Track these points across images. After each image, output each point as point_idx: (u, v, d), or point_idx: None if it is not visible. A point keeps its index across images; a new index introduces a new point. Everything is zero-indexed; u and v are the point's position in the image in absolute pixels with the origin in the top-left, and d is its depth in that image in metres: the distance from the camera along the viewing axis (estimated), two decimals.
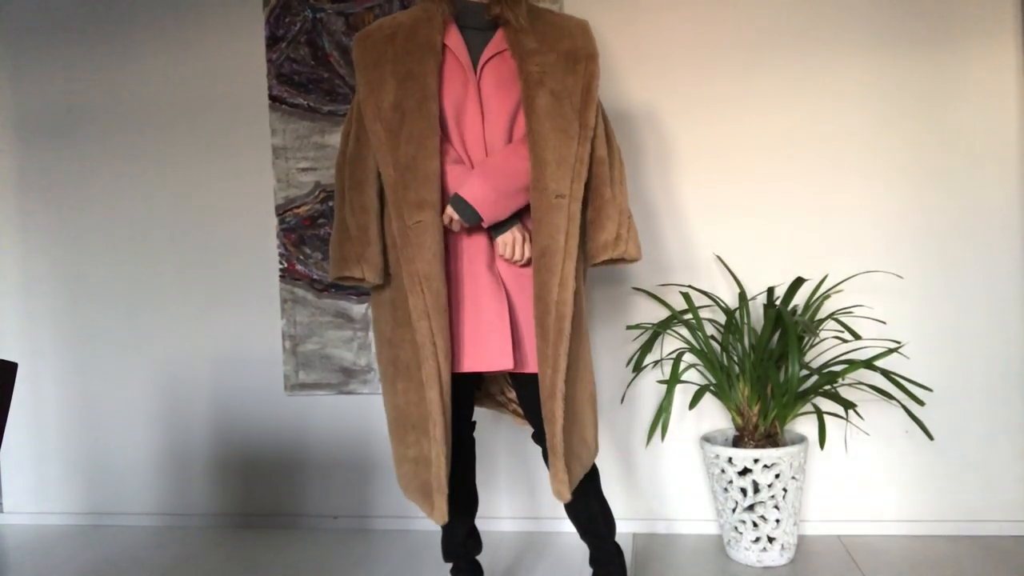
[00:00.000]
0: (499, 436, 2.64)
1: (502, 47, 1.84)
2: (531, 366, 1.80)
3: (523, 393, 1.87)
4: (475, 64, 1.84)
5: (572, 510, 1.92)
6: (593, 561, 1.95)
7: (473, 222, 1.75)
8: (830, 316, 2.35)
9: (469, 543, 2.01)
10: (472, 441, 2.00)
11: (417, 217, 1.73)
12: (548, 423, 1.75)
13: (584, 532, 1.94)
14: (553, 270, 1.72)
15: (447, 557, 2.03)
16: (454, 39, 1.83)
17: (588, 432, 1.85)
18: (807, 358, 2.44)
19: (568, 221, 1.73)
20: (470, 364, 1.79)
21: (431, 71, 1.78)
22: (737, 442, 2.32)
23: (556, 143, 1.75)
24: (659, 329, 2.37)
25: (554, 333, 1.72)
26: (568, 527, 2.58)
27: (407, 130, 1.75)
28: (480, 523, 2.55)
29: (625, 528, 2.57)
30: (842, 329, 2.42)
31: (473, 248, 1.81)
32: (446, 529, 2.00)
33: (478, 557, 2.32)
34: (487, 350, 1.78)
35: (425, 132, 1.75)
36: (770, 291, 2.37)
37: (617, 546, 1.94)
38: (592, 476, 1.90)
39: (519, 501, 2.64)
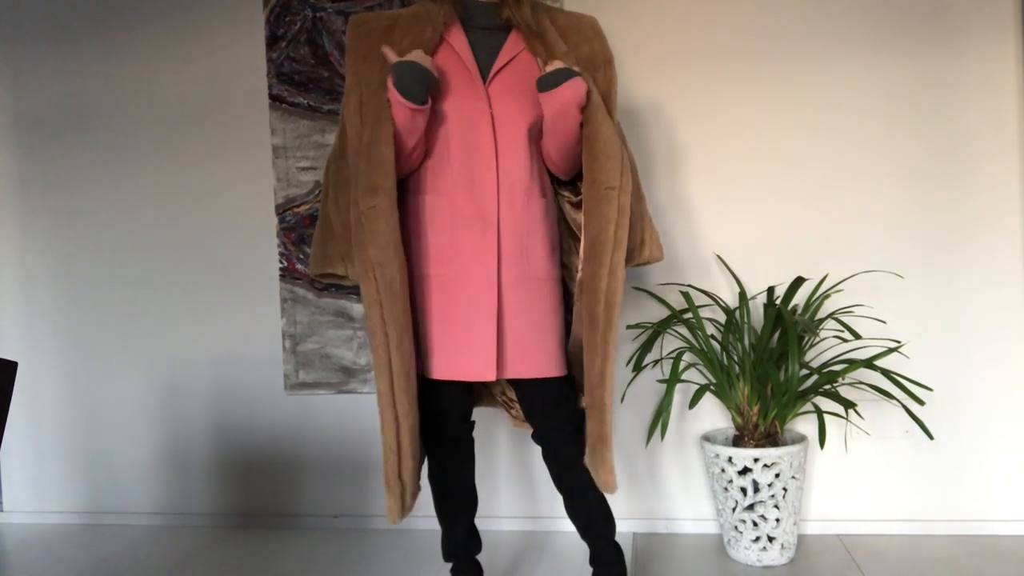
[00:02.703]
0: (499, 436, 2.64)
1: (518, 49, 1.81)
2: (530, 372, 1.78)
3: (525, 397, 1.86)
4: (485, 70, 1.80)
5: (572, 509, 1.92)
6: (593, 561, 1.94)
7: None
8: (830, 316, 2.35)
9: (469, 543, 2.01)
10: (471, 441, 1.99)
11: (371, 202, 1.68)
12: (598, 412, 1.75)
13: (584, 531, 1.94)
14: (603, 260, 1.72)
15: (447, 557, 2.03)
16: (459, 41, 1.79)
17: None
18: (807, 358, 2.43)
19: (618, 212, 1.72)
20: (451, 372, 1.77)
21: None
22: (737, 442, 2.32)
23: (606, 137, 1.73)
24: (659, 328, 2.37)
25: (603, 322, 1.72)
26: (568, 527, 2.58)
27: (371, 118, 1.72)
28: (480, 523, 2.55)
29: (625, 528, 2.57)
30: (842, 329, 2.42)
31: (469, 252, 1.76)
32: (445, 529, 2.00)
33: (478, 557, 2.32)
34: (469, 360, 1.75)
35: (380, 118, 1.70)
36: (770, 291, 2.37)
37: (617, 546, 1.94)
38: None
39: (519, 501, 2.64)
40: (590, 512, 1.91)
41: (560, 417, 1.86)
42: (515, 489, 2.64)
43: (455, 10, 1.80)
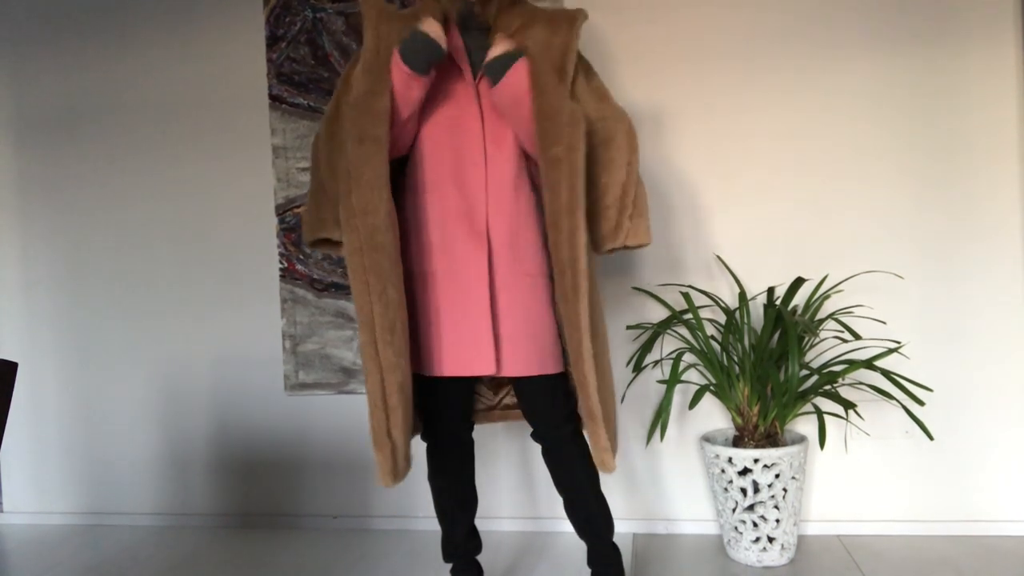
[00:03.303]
0: (499, 436, 2.64)
1: None
2: (525, 369, 1.77)
3: (523, 395, 1.86)
4: (476, 68, 1.84)
5: (570, 509, 1.92)
6: (591, 561, 1.95)
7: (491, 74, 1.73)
8: (830, 316, 2.35)
9: (469, 544, 2.01)
10: (471, 442, 1.99)
11: (357, 151, 1.67)
12: (581, 388, 1.71)
13: (582, 531, 1.94)
14: (560, 227, 1.68)
15: (447, 558, 2.03)
16: (455, 40, 1.83)
17: (611, 403, 1.83)
18: (807, 358, 2.43)
19: (570, 175, 1.66)
20: (449, 368, 1.77)
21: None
22: (737, 442, 2.32)
23: (550, 103, 1.70)
24: (659, 329, 2.37)
25: (571, 293, 1.68)
26: (568, 527, 2.58)
27: (374, 74, 1.72)
28: (480, 523, 2.55)
29: (625, 528, 2.57)
30: (842, 329, 2.42)
31: (460, 247, 1.77)
32: (445, 530, 2.00)
33: (478, 558, 2.32)
34: (466, 354, 1.75)
35: (384, 73, 1.71)
36: (770, 291, 2.37)
37: (615, 546, 1.94)
38: (592, 475, 1.89)
39: (519, 501, 2.64)
40: (588, 512, 1.90)
41: (558, 416, 1.85)
42: (515, 489, 2.64)
43: (455, 10, 1.84)
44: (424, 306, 1.80)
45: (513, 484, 2.64)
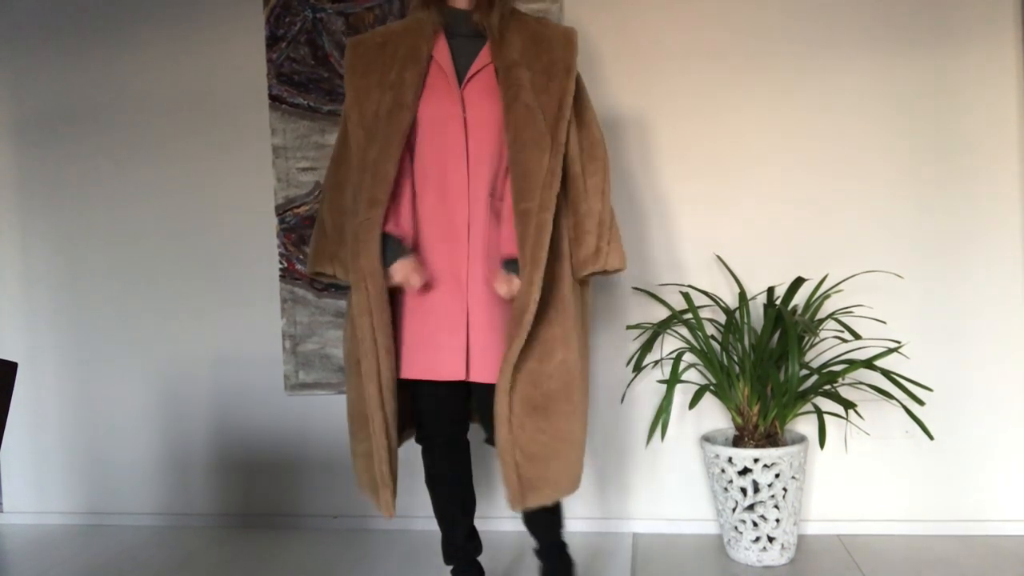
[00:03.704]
0: None
1: (489, 59, 1.86)
2: (486, 376, 1.79)
3: (478, 399, 1.88)
4: (462, 74, 1.85)
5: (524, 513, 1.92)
6: (538, 553, 1.96)
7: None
8: (830, 316, 2.35)
9: (469, 545, 2.01)
10: (466, 444, 2.00)
11: (368, 214, 1.77)
12: (497, 421, 1.76)
13: (530, 529, 1.94)
14: (523, 277, 1.74)
15: (448, 560, 2.03)
16: (441, 50, 1.86)
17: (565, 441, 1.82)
18: (807, 358, 2.43)
19: (536, 230, 1.73)
20: (423, 372, 1.81)
21: (411, 82, 1.82)
22: (737, 442, 2.32)
23: (526, 156, 1.77)
24: (659, 329, 2.37)
25: (514, 328, 1.73)
26: (570, 527, 2.58)
27: (378, 135, 1.80)
28: (480, 523, 2.54)
29: (625, 528, 2.57)
30: (842, 329, 2.42)
31: (440, 251, 1.82)
32: (445, 532, 2.00)
33: (479, 558, 2.32)
34: (439, 359, 1.79)
35: (392, 137, 1.80)
36: (770, 291, 2.37)
37: (564, 543, 1.95)
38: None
39: None
40: (537, 519, 1.90)
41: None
42: None
43: (441, 18, 1.87)
44: (402, 308, 1.84)
45: None
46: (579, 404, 1.82)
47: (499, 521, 2.63)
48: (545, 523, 1.92)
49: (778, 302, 2.39)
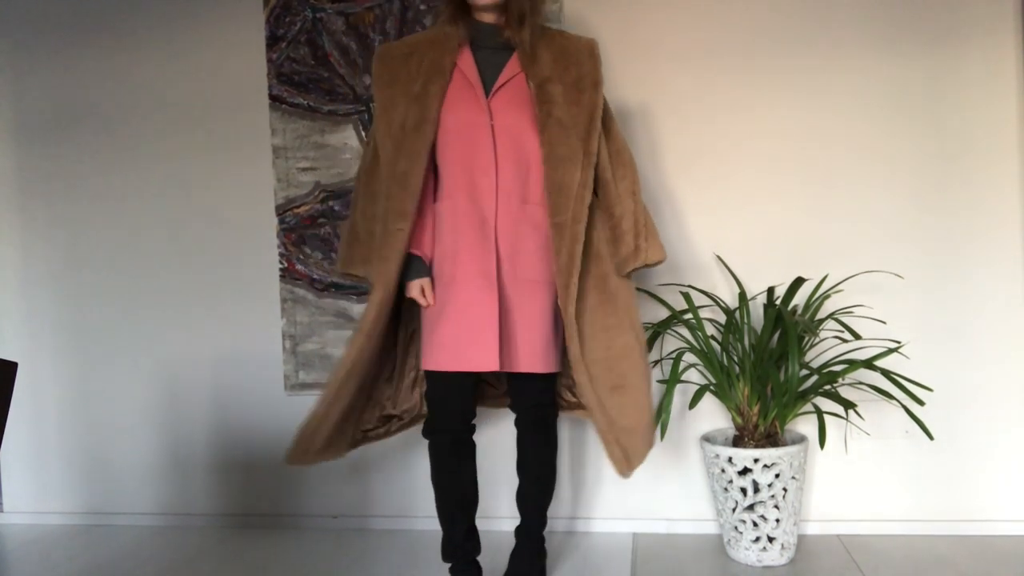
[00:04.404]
0: (499, 437, 2.64)
1: (517, 70, 1.96)
2: (517, 366, 1.93)
3: (512, 387, 2.04)
4: (488, 85, 1.94)
5: (524, 487, 2.11)
6: (519, 530, 2.12)
7: None
8: (830, 316, 2.35)
9: (468, 544, 2.03)
10: (472, 444, 2.04)
11: (399, 225, 1.90)
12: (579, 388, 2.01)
13: (521, 500, 2.11)
14: (559, 283, 1.93)
15: (446, 557, 2.04)
16: (467, 61, 1.95)
17: (633, 413, 2.03)
18: (807, 358, 2.43)
19: (571, 241, 1.90)
20: (458, 363, 1.89)
21: (435, 94, 1.91)
22: (737, 442, 2.32)
23: (561, 171, 1.91)
24: (659, 329, 2.37)
25: (568, 329, 1.94)
26: (561, 526, 2.58)
27: (406, 147, 1.90)
28: (480, 523, 2.54)
29: (625, 528, 2.57)
30: (842, 329, 2.42)
31: (470, 253, 1.91)
32: (445, 530, 2.02)
33: (478, 558, 2.32)
34: (474, 351, 1.88)
35: (418, 152, 1.90)
36: (770, 291, 2.37)
37: (544, 519, 2.12)
38: (551, 443, 2.09)
39: None
40: (538, 488, 2.11)
41: (543, 398, 2.06)
42: (515, 489, 2.63)
43: (466, 32, 1.95)
44: (441, 306, 1.93)
45: (513, 485, 2.63)
46: (646, 375, 2.04)
47: (499, 521, 2.63)
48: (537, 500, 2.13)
49: (778, 302, 2.39)
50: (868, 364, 2.17)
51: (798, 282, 2.35)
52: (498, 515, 2.64)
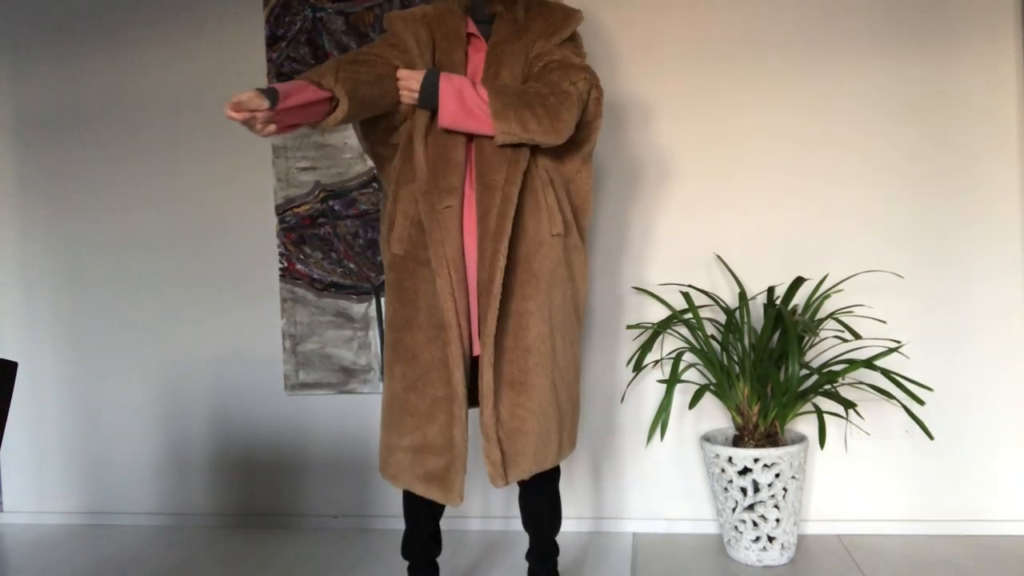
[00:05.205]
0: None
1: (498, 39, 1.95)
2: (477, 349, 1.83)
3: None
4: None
5: (524, 501, 1.97)
6: (530, 555, 1.99)
7: (425, 106, 1.81)
8: (830, 316, 2.35)
9: (430, 546, 1.98)
10: None
11: (447, 202, 1.80)
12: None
13: (527, 524, 1.98)
14: (484, 248, 1.79)
15: (406, 555, 1.98)
16: (474, 29, 1.95)
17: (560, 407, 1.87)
18: (807, 358, 2.43)
19: (501, 203, 1.78)
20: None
21: (459, 62, 1.90)
22: (737, 442, 2.32)
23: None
24: (659, 329, 2.37)
25: (484, 300, 1.78)
26: (569, 527, 2.58)
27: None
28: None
29: (625, 528, 2.57)
30: (842, 329, 2.42)
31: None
32: (409, 527, 1.97)
33: (437, 559, 2.28)
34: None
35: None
36: (770, 291, 2.37)
37: (555, 544, 1.99)
38: (550, 472, 1.93)
39: (513, 501, 2.63)
40: (539, 507, 1.95)
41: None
42: (508, 489, 2.64)
43: (468, 2, 1.96)
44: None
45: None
46: (554, 377, 1.84)
47: (495, 521, 2.63)
48: (545, 519, 1.97)
49: (778, 302, 2.39)
50: (868, 364, 2.17)
51: (798, 282, 2.35)
52: (497, 515, 2.64)
